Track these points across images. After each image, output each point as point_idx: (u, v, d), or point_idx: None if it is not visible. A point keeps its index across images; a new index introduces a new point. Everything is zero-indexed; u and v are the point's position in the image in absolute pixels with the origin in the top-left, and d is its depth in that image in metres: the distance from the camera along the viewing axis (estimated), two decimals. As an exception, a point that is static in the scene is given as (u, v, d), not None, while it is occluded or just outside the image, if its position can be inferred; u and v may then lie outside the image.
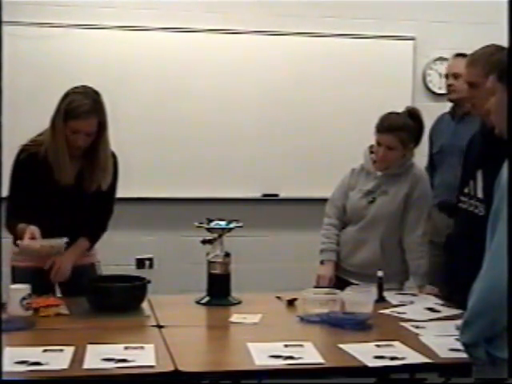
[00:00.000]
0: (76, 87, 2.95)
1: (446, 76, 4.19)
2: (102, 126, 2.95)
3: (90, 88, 2.96)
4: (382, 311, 2.80)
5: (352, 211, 3.34)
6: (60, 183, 2.96)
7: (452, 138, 4.08)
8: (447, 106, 4.26)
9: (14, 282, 2.94)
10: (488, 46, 2.71)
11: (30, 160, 2.95)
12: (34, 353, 2.18)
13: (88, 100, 2.89)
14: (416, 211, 3.22)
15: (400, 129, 3.19)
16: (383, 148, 3.20)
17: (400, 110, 3.31)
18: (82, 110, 2.86)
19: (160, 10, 4.87)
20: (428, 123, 4.61)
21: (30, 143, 3.01)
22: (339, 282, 3.27)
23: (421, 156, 3.76)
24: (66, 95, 2.92)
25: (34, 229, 2.83)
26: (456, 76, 4.12)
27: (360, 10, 5.05)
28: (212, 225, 3.01)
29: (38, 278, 2.90)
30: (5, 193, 3.06)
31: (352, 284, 3.17)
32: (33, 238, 2.82)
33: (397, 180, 3.25)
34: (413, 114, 3.28)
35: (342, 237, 3.37)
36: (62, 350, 2.21)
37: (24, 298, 2.63)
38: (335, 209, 3.41)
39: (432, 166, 3.73)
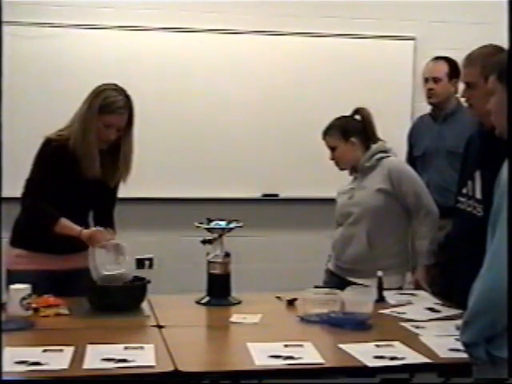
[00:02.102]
0: (106, 84, 3.05)
1: (426, 80, 4.19)
2: (130, 122, 3.06)
3: (117, 85, 3.06)
4: (381, 311, 2.80)
5: (338, 212, 3.40)
6: (85, 177, 3.00)
7: (436, 140, 4.09)
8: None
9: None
10: (485, 46, 2.71)
11: (60, 151, 2.99)
12: (33, 353, 2.18)
13: (122, 96, 3.01)
14: (413, 196, 3.23)
15: (328, 130, 3.38)
16: (330, 152, 3.38)
17: (400, 110, 3.34)
18: (117, 106, 2.98)
19: (160, 10, 4.88)
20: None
21: (56, 136, 3.04)
22: (340, 279, 3.29)
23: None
24: (100, 91, 3.00)
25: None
26: (436, 80, 4.13)
27: (360, 10, 5.06)
28: (212, 225, 3.01)
29: (38, 282, 2.85)
30: (5, 193, 3.06)
31: (349, 281, 3.18)
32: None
33: (370, 173, 3.29)
34: (358, 112, 3.38)
35: (333, 237, 3.41)
36: (61, 350, 2.21)
37: (24, 298, 2.63)
38: None
39: (414, 169, 3.72)
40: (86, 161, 2.99)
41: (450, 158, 3.87)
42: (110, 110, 2.97)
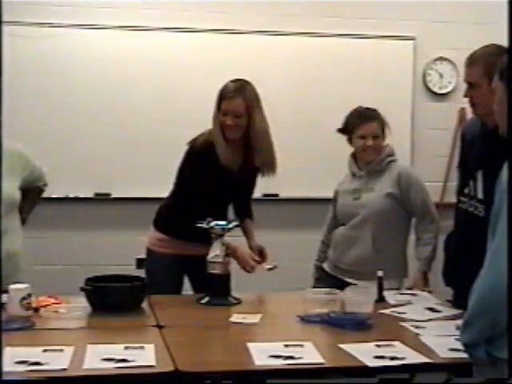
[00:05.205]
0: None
1: None
2: (248, 110, 3.20)
3: (244, 80, 3.28)
4: (381, 311, 2.80)
5: (341, 212, 3.40)
6: (225, 169, 3.18)
7: None
8: (446, 105, 4.25)
9: (149, 263, 3.33)
10: (487, 46, 2.71)
11: (205, 149, 3.22)
12: (34, 353, 2.18)
13: (235, 84, 3.24)
14: (420, 203, 3.26)
15: (377, 117, 3.34)
16: (370, 138, 3.29)
17: (400, 110, 3.33)
18: (226, 91, 3.23)
19: (160, 10, 4.87)
20: (428, 123, 4.63)
21: (199, 139, 3.29)
22: (336, 281, 3.28)
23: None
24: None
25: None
26: None
27: (360, 10, 5.05)
28: (212, 225, 3.01)
29: (171, 264, 3.23)
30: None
31: (347, 282, 3.18)
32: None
33: (379, 177, 3.30)
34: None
35: (333, 237, 3.40)
36: (61, 350, 2.21)
37: (24, 298, 2.63)
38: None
39: None
40: (218, 149, 3.17)
41: None
42: (221, 96, 3.21)
